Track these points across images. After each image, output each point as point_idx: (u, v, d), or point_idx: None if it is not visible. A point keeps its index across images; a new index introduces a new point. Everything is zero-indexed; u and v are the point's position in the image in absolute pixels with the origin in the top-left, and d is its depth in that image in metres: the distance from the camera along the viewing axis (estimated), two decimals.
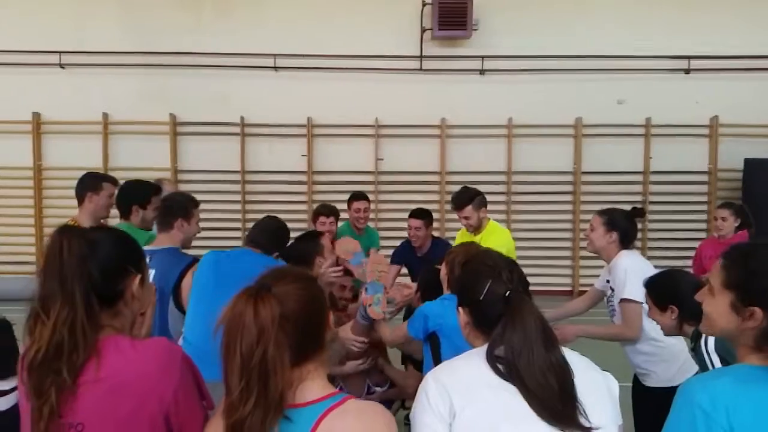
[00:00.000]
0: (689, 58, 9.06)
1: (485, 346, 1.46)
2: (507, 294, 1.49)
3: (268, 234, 3.25)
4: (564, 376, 1.39)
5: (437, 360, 2.53)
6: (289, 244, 3.37)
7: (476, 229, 4.33)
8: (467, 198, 4.31)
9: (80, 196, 3.75)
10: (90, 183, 3.76)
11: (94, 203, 3.72)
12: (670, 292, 2.46)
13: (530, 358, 1.38)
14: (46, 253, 1.34)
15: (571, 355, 1.48)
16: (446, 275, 2.68)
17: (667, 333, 2.54)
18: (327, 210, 4.73)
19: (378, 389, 3.36)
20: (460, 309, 1.61)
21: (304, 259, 3.27)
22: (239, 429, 1.17)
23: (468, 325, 1.59)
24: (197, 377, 1.39)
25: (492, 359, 1.42)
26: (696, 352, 2.28)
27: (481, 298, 1.52)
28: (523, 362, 1.38)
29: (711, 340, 2.17)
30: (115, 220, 3.85)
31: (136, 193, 3.67)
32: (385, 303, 2.96)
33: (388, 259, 5.06)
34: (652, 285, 2.56)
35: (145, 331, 1.48)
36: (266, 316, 1.18)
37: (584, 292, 3.76)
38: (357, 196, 5.10)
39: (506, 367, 1.40)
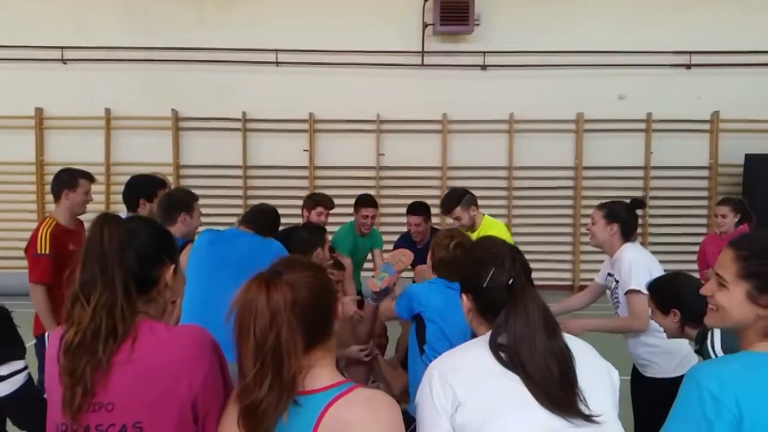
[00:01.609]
0: (690, 53, 9.06)
1: (488, 335, 1.48)
2: (510, 282, 1.50)
3: (263, 217, 3.40)
4: (565, 364, 1.41)
5: (421, 341, 2.61)
6: (293, 231, 3.46)
7: (470, 228, 4.32)
8: (454, 200, 4.27)
9: (56, 193, 3.77)
10: (66, 179, 3.77)
11: (70, 200, 3.75)
12: (673, 296, 2.47)
13: (532, 346, 1.40)
14: (87, 240, 1.38)
15: (574, 343, 1.50)
16: (430, 259, 2.72)
17: (670, 336, 2.55)
18: (330, 203, 4.74)
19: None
20: (464, 295, 1.63)
21: (306, 247, 3.38)
22: (254, 411, 1.20)
23: (471, 311, 1.60)
24: (223, 364, 1.42)
25: (495, 347, 1.43)
26: (702, 353, 2.28)
27: (484, 285, 1.53)
28: (525, 350, 1.40)
29: (717, 340, 2.17)
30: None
31: (143, 187, 3.79)
32: (388, 280, 3.00)
33: (386, 255, 5.11)
34: (654, 289, 2.58)
35: (175, 318, 1.52)
36: (279, 301, 1.21)
37: (585, 286, 3.78)
38: (367, 202, 4.93)
39: (508, 355, 1.41)
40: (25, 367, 1.68)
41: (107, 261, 1.34)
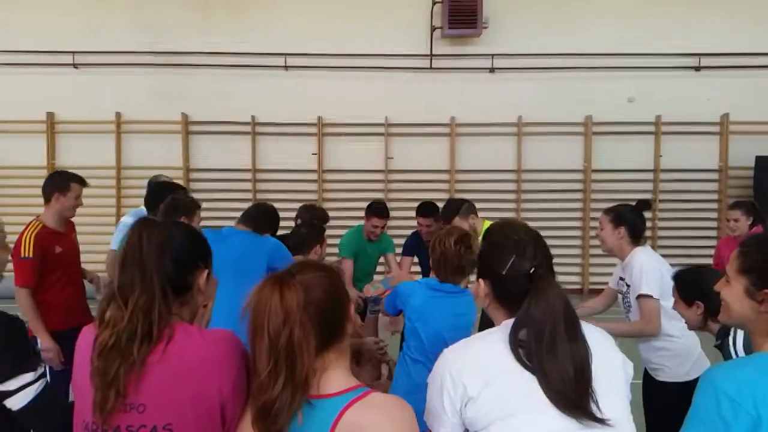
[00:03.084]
0: (700, 55, 9.03)
1: (505, 327, 1.45)
2: (531, 271, 1.46)
3: (260, 215, 3.49)
4: (582, 365, 1.38)
5: (401, 336, 2.76)
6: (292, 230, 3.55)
7: None
8: (453, 210, 4.33)
9: (47, 195, 3.77)
10: (58, 183, 3.77)
11: (60, 203, 3.75)
12: (698, 288, 2.47)
13: (552, 343, 1.37)
14: (126, 244, 1.41)
15: (591, 334, 1.47)
16: (431, 257, 2.75)
17: (692, 327, 2.55)
18: (326, 217, 4.73)
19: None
20: (481, 280, 1.57)
21: (306, 243, 3.44)
22: (269, 409, 1.21)
23: (488, 296, 1.55)
24: (249, 370, 1.41)
25: (514, 344, 1.40)
26: (722, 349, 2.27)
27: (503, 273, 1.48)
28: (545, 349, 1.37)
29: (740, 339, 2.16)
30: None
31: (164, 191, 3.93)
32: (381, 291, 3.17)
33: (398, 257, 5.13)
34: (679, 279, 2.58)
35: (206, 322, 1.54)
36: (291, 301, 1.22)
37: (594, 290, 3.79)
38: (379, 213, 4.85)
39: (526, 353, 1.39)
40: (37, 379, 1.66)
41: (146, 265, 1.37)
